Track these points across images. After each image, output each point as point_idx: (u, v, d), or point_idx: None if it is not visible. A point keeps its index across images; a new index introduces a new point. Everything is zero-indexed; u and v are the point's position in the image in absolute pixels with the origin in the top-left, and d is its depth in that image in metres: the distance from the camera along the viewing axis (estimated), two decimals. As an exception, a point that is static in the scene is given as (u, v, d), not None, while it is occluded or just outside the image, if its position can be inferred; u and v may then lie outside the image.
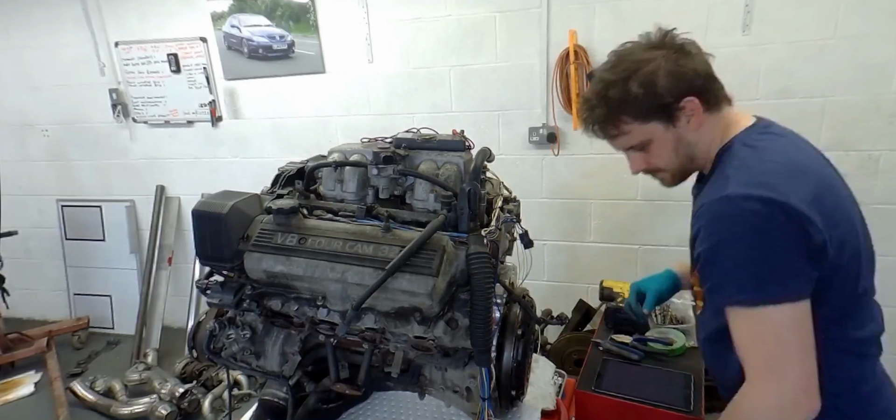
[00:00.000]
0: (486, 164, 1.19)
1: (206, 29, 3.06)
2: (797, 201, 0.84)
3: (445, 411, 1.39)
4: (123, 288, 3.65)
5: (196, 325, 1.26)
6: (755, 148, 0.95)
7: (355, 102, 2.99)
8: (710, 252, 0.89)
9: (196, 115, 3.26)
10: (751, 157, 0.93)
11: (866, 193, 2.38)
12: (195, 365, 2.95)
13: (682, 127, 0.98)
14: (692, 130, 0.99)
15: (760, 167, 0.90)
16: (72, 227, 3.69)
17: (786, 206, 0.83)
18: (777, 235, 0.84)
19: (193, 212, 1.12)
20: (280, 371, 1.18)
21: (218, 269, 1.17)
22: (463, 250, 1.02)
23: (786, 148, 0.99)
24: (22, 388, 3.05)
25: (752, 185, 0.86)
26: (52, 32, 3.30)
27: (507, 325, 1.11)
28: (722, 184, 0.90)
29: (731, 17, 2.33)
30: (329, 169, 1.26)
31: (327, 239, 1.07)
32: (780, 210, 0.83)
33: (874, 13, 2.18)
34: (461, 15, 2.67)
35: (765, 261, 0.85)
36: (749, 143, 0.96)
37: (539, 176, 2.73)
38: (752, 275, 0.85)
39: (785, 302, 0.85)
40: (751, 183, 0.86)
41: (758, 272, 0.85)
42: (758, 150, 0.95)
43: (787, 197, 0.84)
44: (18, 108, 3.54)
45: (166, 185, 3.50)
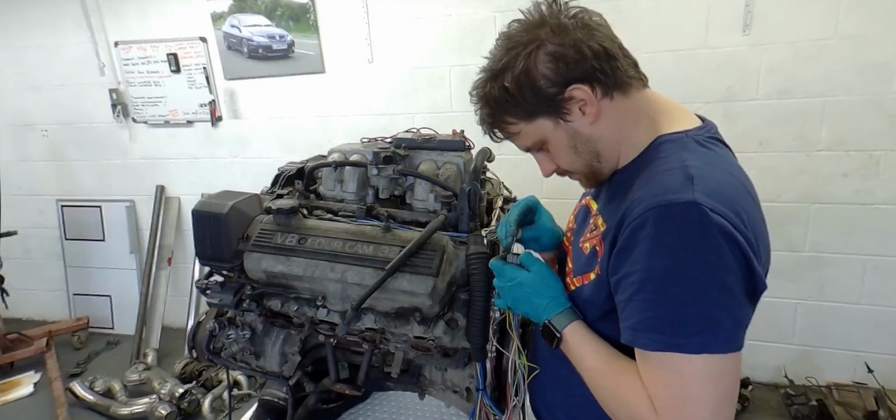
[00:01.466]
0: (486, 164, 1.19)
1: (205, 29, 3.06)
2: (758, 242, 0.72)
3: (445, 411, 1.39)
4: (123, 288, 3.65)
5: (196, 325, 1.26)
6: (712, 150, 0.79)
7: (355, 102, 2.99)
8: (660, 272, 0.68)
9: (196, 115, 3.25)
10: (710, 161, 0.76)
11: (866, 194, 2.38)
12: (195, 365, 2.95)
13: (576, 120, 0.81)
14: (588, 124, 0.81)
15: (722, 178, 0.73)
16: (71, 227, 3.69)
17: (751, 242, 0.69)
18: (738, 272, 0.68)
19: (193, 212, 1.12)
20: (280, 371, 1.18)
21: (218, 269, 1.17)
22: (463, 250, 1.02)
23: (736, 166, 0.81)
24: (21, 389, 3.04)
25: (722, 201, 0.68)
26: (52, 32, 3.29)
27: (506, 324, 1.11)
28: (677, 179, 0.71)
29: (731, 16, 2.32)
30: (329, 169, 1.26)
31: (327, 239, 1.07)
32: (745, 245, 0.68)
33: (874, 13, 2.18)
34: (461, 15, 2.67)
35: (726, 301, 0.68)
36: (704, 144, 0.79)
37: (539, 176, 2.73)
38: (709, 316, 0.67)
39: (733, 352, 0.69)
40: (720, 197, 0.69)
41: (715, 315, 0.67)
42: (715, 155, 0.78)
43: (753, 231, 0.70)
44: (18, 108, 3.53)
45: (166, 185, 3.49)
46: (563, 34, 0.78)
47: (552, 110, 0.81)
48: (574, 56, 0.77)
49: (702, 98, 2.41)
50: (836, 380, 2.49)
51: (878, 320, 2.51)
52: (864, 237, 2.42)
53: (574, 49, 0.77)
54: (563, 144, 0.85)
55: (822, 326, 2.58)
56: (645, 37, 2.42)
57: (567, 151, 0.86)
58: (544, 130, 0.84)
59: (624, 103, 0.82)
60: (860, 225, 2.41)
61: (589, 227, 0.90)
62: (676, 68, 2.42)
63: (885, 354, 2.53)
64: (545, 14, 0.81)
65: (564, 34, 0.78)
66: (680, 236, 0.68)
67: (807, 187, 2.42)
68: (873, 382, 2.40)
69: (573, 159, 0.87)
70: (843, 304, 2.54)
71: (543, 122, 0.83)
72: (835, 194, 2.41)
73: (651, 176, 0.76)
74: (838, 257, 2.47)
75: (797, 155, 2.40)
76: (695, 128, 0.82)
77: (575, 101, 0.80)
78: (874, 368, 2.42)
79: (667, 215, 0.69)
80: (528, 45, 0.79)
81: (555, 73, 0.78)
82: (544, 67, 0.78)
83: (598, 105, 0.80)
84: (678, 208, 0.68)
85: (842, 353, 2.60)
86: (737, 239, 0.67)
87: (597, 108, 0.80)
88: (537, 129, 0.84)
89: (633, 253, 0.71)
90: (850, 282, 2.50)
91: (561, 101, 0.80)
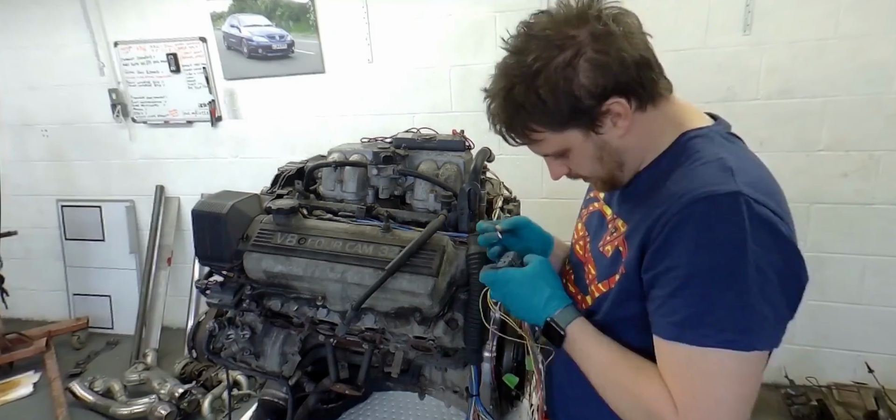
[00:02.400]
0: (486, 164, 1.19)
1: (205, 29, 3.06)
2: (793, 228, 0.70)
3: (445, 411, 1.39)
4: (123, 288, 3.65)
5: (196, 325, 1.25)
6: (737, 145, 0.78)
7: (355, 102, 2.99)
8: (707, 266, 0.66)
9: (195, 115, 3.25)
10: (741, 155, 0.75)
11: (866, 194, 2.38)
12: (195, 365, 2.95)
13: (608, 132, 0.76)
14: (619, 136, 0.77)
15: (757, 171, 0.72)
16: (71, 228, 3.69)
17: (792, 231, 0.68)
18: (783, 266, 0.66)
19: (193, 212, 1.11)
20: (280, 371, 1.18)
21: (217, 269, 1.17)
22: (463, 250, 1.02)
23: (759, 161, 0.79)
24: (21, 389, 3.04)
25: (763, 192, 0.67)
26: (52, 32, 3.29)
27: (506, 325, 1.11)
28: (716, 171, 0.69)
29: (731, 16, 2.32)
30: (329, 169, 1.26)
31: (327, 239, 1.07)
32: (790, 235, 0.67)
33: (874, 13, 2.18)
34: (461, 15, 2.67)
35: (771, 295, 0.66)
36: (727, 138, 0.79)
37: (539, 176, 2.73)
38: (756, 311, 0.65)
39: (767, 350, 0.68)
40: (761, 188, 0.67)
41: (762, 310, 0.65)
42: (742, 149, 0.78)
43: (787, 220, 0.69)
44: (18, 108, 3.53)
45: (166, 185, 3.49)
46: (607, 41, 0.71)
47: (585, 122, 0.75)
48: (617, 67, 0.71)
49: (702, 98, 2.41)
50: (837, 380, 2.49)
51: (878, 320, 2.51)
52: (864, 237, 2.42)
53: (616, 59, 0.71)
54: (588, 155, 0.80)
55: (822, 326, 2.58)
56: (645, 37, 2.41)
57: (591, 161, 0.81)
58: (571, 140, 0.78)
59: (654, 113, 0.78)
60: (860, 225, 2.41)
61: (608, 231, 0.86)
62: (676, 68, 2.39)
63: (885, 354, 2.52)
64: (585, 11, 0.73)
65: (608, 41, 0.71)
66: (727, 229, 0.65)
67: (807, 187, 2.42)
68: (873, 382, 2.40)
69: (596, 168, 0.82)
70: (843, 304, 2.54)
71: (573, 133, 0.77)
72: (835, 194, 2.41)
73: (687, 171, 0.73)
74: (838, 257, 2.47)
75: (797, 155, 2.40)
76: (713, 124, 0.81)
77: (611, 115, 0.75)
78: (874, 368, 2.42)
79: (712, 208, 0.66)
80: (566, 49, 0.72)
81: (594, 85, 0.72)
82: (585, 77, 0.71)
83: (632, 117, 0.75)
84: (724, 200, 0.65)
85: (842, 353, 2.60)
86: (781, 230, 0.66)
87: (630, 121, 0.76)
88: (564, 139, 0.78)
89: (676, 248, 0.68)
90: (850, 282, 2.50)
91: (597, 113, 0.74)
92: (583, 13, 0.73)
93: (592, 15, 0.72)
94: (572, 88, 0.72)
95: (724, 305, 0.65)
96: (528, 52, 0.74)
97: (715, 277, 0.65)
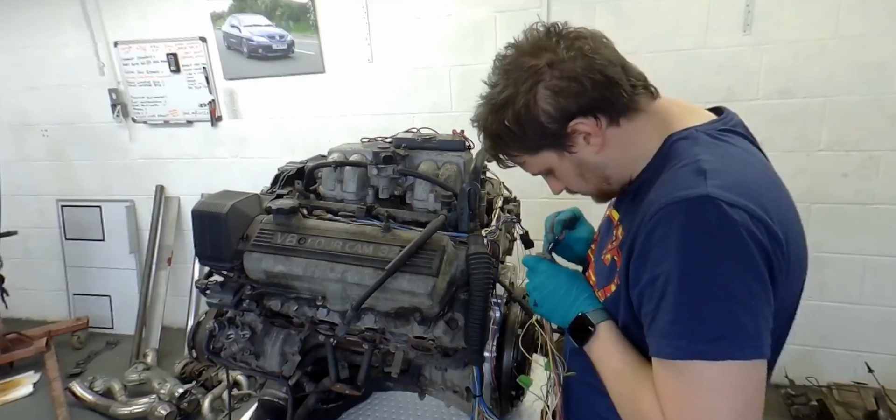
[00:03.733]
0: (487, 164, 1.19)
1: (205, 29, 3.06)
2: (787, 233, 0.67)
3: (445, 411, 1.39)
4: (123, 288, 3.65)
5: (196, 325, 1.25)
6: (727, 143, 0.76)
7: (355, 102, 2.99)
8: (676, 274, 0.64)
9: (196, 115, 3.25)
10: (725, 154, 0.73)
11: (866, 194, 2.38)
12: (195, 365, 2.95)
13: (581, 150, 0.79)
14: (595, 152, 0.79)
15: (740, 170, 0.70)
16: (71, 227, 3.69)
17: (774, 233, 0.65)
18: (762, 270, 0.64)
19: (193, 212, 1.11)
20: (280, 371, 1.18)
21: (217, 269, 1.17)
22: (463, 250, 1.02)
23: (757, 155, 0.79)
24: (21, 389, 3.04)
25: (740, 191, 0.64)
26: (52, 32, 3.29)
27: (507, 325, 1.11)
28: (687, 176, 0.68)
29: (731, 16, 2.32)
30: (329, 169, 1.26)
31: (327, 239, 1.07)
32: (771, 237, 0.64)
33: (875, 13, 2.18)
34: (461, 15, 2.67)
35: (748, 302, 0.63)
36: (715, 136, 0.76)
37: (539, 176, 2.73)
38: (730, 318, 0.62)
39: (758, 359, 0.64)
40: (734, 186, 0.65)
41: (738, 316, 0.62)
42: (732, 147, 0.75)
43: (780, 222, 0.66)
44: (18, 108, 3.53)
45: (166, 185, 3.49)
46: (563, 66, 0.74)
47: (555, 144, 0.79)
48: (575, 89, 0.74)
49: (702, 98, 2.40)
50: (837, 380, 2.49)
51: (878, 320, 2.51)
52: (864, 237, 2.42)
53: (574, 81, 0.74)
54: (570, 173, 0.84)
55: (823, 326, 2.58)
56: (645, 37, 2.41)
57: (575, 178, 0.85)
58: (549, 161, 0.83)
59: (631, 125, 0.78)
60: (860, 225, 2.41)
61: (610, 239, 0.87)
62: (676, 68, 2.42)
63: (885, 354, 2.53)
64: (542, 41, 0.77)
65: (563, 65, 0.74)
66: (693, 233, 0.64)
67: (807, 187, 2.42)
68: (873, 382, 2.40)
69: (581, 184, 0.86)
70: (843, 304, 2.54)
71: (548, 154, 0.82)
72: (835, 194, 2.41)
73: (666, 177, 0.73)
74: (838, 257, 2.47)
75: (797, 155, 2.40)
76: (706, 122, 0.79)
77: (579, 134, 0.77)
78: (874, 368, 2.42)
79: (678, 212, 0.65)
80: (527, 80, 0.76)
81: (555, 109, 0.75)
82: (544, 103, 0.75)
83: (604, 134, 0.77)
84: (690, 204, 0.64)
85: (842, 353, 2.60)
86: (755, 233, 0.63)
87: (602, 138, 0.77)
88: (542, 160, 0.83)
89: (650, 258, 0.68)
90: (850, 282, 2.50)
91: (564, 135, 0.77)
92: (543, 42, 0.77)
93: (551, 44, 0.76)
94: (536, 115, 0.76)
95: (695, 315, 0.64)
96: (497, 84, 0.80)
97: (684, 286, 0.64)
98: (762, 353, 0.63)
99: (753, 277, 0.63)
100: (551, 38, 0.77)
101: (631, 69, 0.78)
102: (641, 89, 0.78)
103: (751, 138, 0.83)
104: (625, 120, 0.77)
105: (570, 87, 0.74)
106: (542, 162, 0.84)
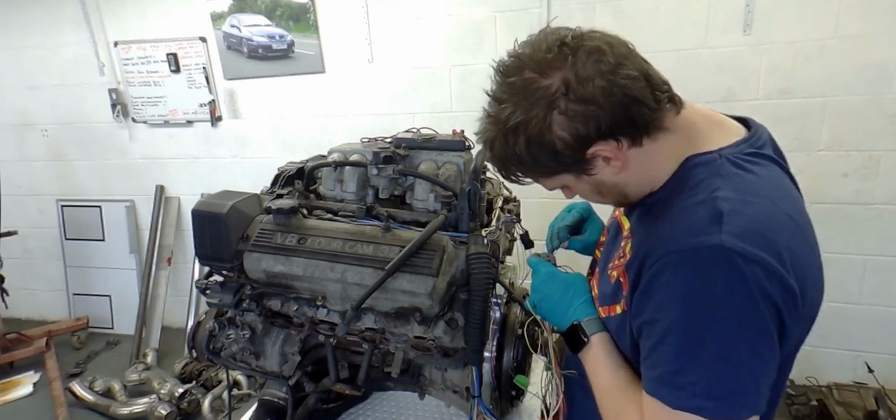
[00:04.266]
0: (487, 164, 1.19)
1: (205, 28, 3.06)
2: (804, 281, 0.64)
3: (445, 411, 1.39)
4: (123, 288, 3.65)
5: (195, 325, 1.25)
6: (751, 173, 0.68)
7: (355, 102, 2.99)
8: (681, 326, 0.63)
9: (196, 115, 3.25)
10: (747, 189, 0.66)
11: (866, 194, 2.38)
12: (195, 365, 2.95)
13: (600, 171, 0.73)
14: (614, 174, 0.73)
15: (760, 212, 0.64)
16: (71, 227, 3.69)
17: (789, 286, 0.61)
18: (770, 327, 0.61)
19: (193, 212, 1.11)
20: (280, 371, 1.18)
21: (217, 269, 1.16)
22: (463, 250, 1.02)
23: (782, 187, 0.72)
24: (21, 389, 3.04)
25: (757, 241, 0.60)
26: (52, 32, 3.29)
27: (507, 325, 1.11)
28: (704, 216, 0.64)
29: (731, 16, 2.32)
30: (329, 169, 1.25)
31: (327, 239, 1.07)
32: (784, 290, 0.61)
33: (875, 13, 2.18)
34: (461, 15, 2.67)
35: (751, 363, 0.61)
36: (739, 164, 0.69)
37: (539, 176, 2.73)
38: (733, 379, 0.61)
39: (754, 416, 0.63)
40: (755, 236, 0.61)
41: (740, 378, 0.61)
42: (755, 178, 0.68)
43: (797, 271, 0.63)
44: (18, 108, 3.53)
45: (166, 185, 3.49)
46: (582, 88, 0.65)
47: (572, 169, 0.73)
48: (593, 113, 0.66)
49: (702, 98, 2.41)
50: (837, 380, 2.49)
51: (878, 320, 2.51)
52: (864, 237, 2.42)
53: (592, 104, 0.66)
54: (586, 190, 0.80)
55: (822, 326, 2.55)
56: (645, 37, 2.41)
57: (592, 195, 0.81)
58: (565, 181, 0.78)
59: (654, 145, 0.71)
60: (860, 225, 2.41)
61: (618, 253, 0.84)
62: (676, 68, 2.42)
63: (885, 354, 2.53)
64: (553, 57, 0.67)
65: (579, 87, 0.65)
66: (705, 287, 0.61)
67: (807, 187, 2.39)
68: (873, 382, 2.40)
69: (598, 199, 0.83)
70: (843, 304, 2.54)
71: (564, 177, 0.77)
72: (835, 194, 2.41)
73: (678, 211, 0.68)
74: (838, 257, 2.47)
75: (797, 155, 2.40)
76: (732, 144, 0.72)
77: (598, 157, 0.71)
78: (874, 368, 2.42)
79: (690, 261, 0.62)
80: (539, 104, 0.67)
81: (572, 137, 0.68)
82: (560, 131, 0.68)
83: (625, 156, 0.71)
84: (703, 254, 0.61)
85: (842, 353, 2.60)
86: (767, 290, 0.60)
87: (623, 159, 0.71)
88: (557, 181, 0.79)
89: (654, 299, 0.66)
90: (850, 282, 2.50)
91: (582, 161, 0.71)
92: (555, 58, 0.67)
93: (564, 61, 0.66)
94: (551, 143, 0.69)
95: (698, 369, 0.62)
96: (504, 103, 0.70)
97: (691, 337, 0.62)
98: (758, 410, 0.62)
99: (760, 337, 0.61)
100: (564, 52, 0.67)
101: (655, 79, 0.70)
102: (667, 103, 0.71)
103: (780, 160, 0.76)
104: (648, 139, 0.70)
105: (587, 111, 0.66)
106: (557, 182, 0.79)
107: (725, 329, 0.61)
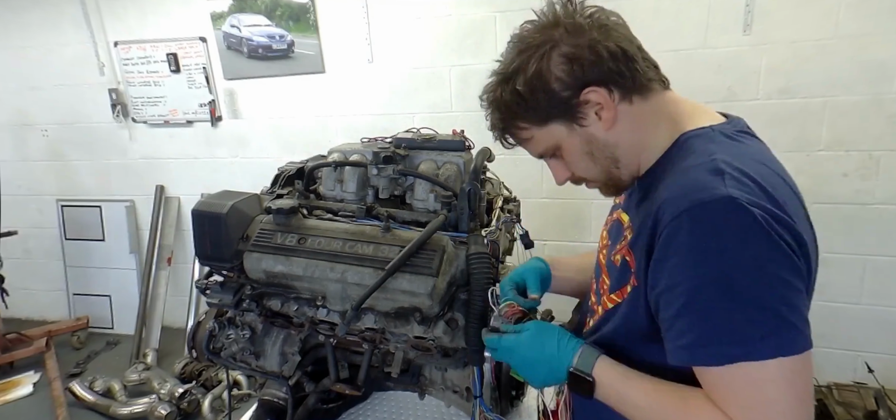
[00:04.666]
0: (487, 164, 1.19)
1: (205, 29, 3.06)
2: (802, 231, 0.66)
3: (445, 411, 1.39)
4: (123, 288, 3.65)
5: (196, 325, 1.26)
6: (743, 143, 0.74)
7: (355, 102, 2.99)
8: (708, 281, 0.63)
9: (196, 115, 3.25)
10: (743, 153, 0.71)
11: (866, 194, 2.38)
12: (195, 365, 2.95)
13: (592, 125, 0.77)
14: (605, 129, 0.77)
15: (759, 171, 0.67)
16: (71, 227, 3.69)
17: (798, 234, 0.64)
18: (796, 262, 0.63)
19: (193, 212, 1.11)
20: (280, 371, 1.18)
21: (217, 269, 1.17)
22: (463, 250, 1.02)
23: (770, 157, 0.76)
24: (21, 389, 3.04)
25: (757, 191, 0.64)
26: (52, 32, 3.29)
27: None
28: (704, 176, 0.66)
29: (731, 16, 2.32)
30: (329, 169, 1.26)
31: (327, 239, 1.07)
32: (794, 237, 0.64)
33: (875, 12, 2.18)
34: (461, 15, 2.67)
35: (788, 295, 0.62)
36: (733, 137, 0.75)
37: (539, 176, 2.73)
38: (775, 316, 0.62)
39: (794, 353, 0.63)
40: (754, 187, 0.64)
41: (781, 313, 0.62)
42: (747, 147, 0.74)
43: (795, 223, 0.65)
44: (18, 108, 3.53)
45: (166, 185, 3.49)
46: (578, 34, 0.74)
47: (566, 114, 0.77)
48: (589, 57, 0.74)
49: (702, 98, 2.37)
50: (837, 380, 2.49)
51: (878, 320, 2.51)
52: (864, 237, 2.42)
53: (589, 50, 0.74)
54: (578, 150, 0.80)
55: (822, 326, 2.58)
56: (645, 37, 2.40)
57: (583, 158, 0.81)
58: (558, 136, 0.80)
59: (643, 106, 0.77)
60: (860, 225, 2.41)
61: (621, 240, 0.85)
62: (676, 68, 2.39)
63: (885, 354, 2.52)
64: (559, 14, 0.76)
65: (579, 34, 0.74)
66: (722, 237, 0.62)
67: (807, 187, 2.38)
68: (873, 382, 2.40)
69: (589, 166, 0.82)
70: (843, 304, 2.54)
71: (557, 127, 0.79)
72: (835, 194, 2.41)
73: (677, 173, 0.71)
74: (838, 257, 2.47)
75: (797, 155, 2.40)
76: (720, 123, 0.79)
77: (591, 105, 0.76)
78: (874, 368, 2.42)
79: (702, 216, 0.63)
80: (541, 47, 0.75)
81: (569, 76, 0.74)
82: (557, 69, 0.75)
83: (616, 109, 0.76)
84: (713, 206, 0.63)
85: (842, 353, 2.60)
86: (778, 230, 0.62)
87: (614, 112, 0.76)
88: (550, 134, 0.80)
89: (671, 263, 0.66)
90: (850, 282, 2.50)
91: (575, 104, 0.76)
92: (558, 15, 0.77)
93: (569, 14, 0.76)
94: (548, 81, 0.76)
95: (736, 318, 0.63)
96: (512, 58, 0.79)
97: (718, 291, 0.63)
98: (808, 344, 0.63)
99: (787, 270, 0.63)
100: (568, 9, 0.77)
101: (646, 53, 0.79)
102: (653, 73, 0.79)
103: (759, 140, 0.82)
104: (638, 98, 0.77)
105: (584, 54, 0.74)
106: (550, 136, 0.80)
107: (752, 270, 0.62)
